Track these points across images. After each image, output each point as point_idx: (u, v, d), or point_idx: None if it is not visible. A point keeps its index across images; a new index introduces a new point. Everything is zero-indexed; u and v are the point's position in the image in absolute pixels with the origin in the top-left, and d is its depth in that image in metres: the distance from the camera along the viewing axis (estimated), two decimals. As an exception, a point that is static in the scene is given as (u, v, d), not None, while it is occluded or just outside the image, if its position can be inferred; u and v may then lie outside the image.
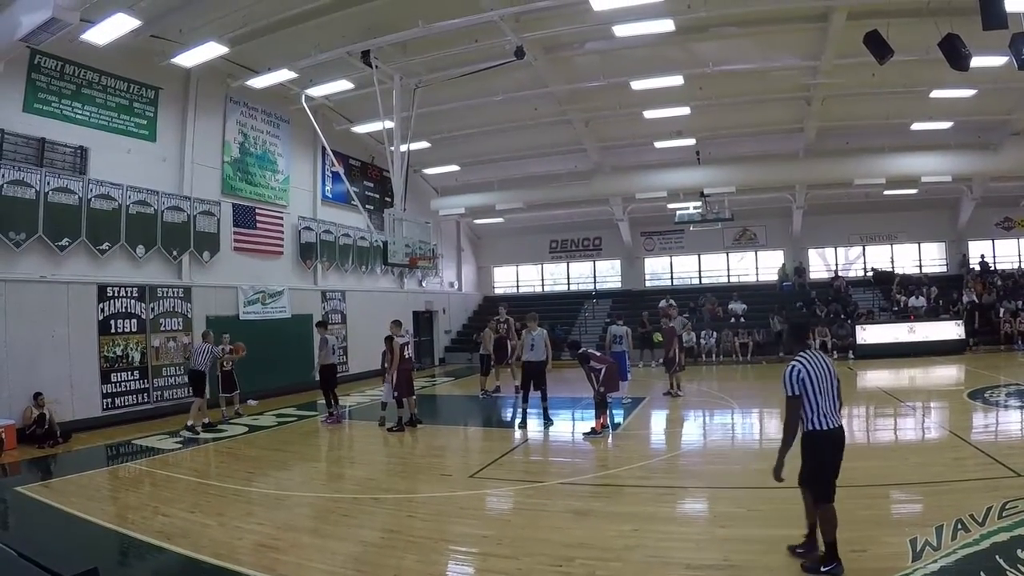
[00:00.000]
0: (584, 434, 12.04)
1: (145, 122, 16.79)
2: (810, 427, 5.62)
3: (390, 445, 12.33)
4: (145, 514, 7.99)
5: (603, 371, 12.08)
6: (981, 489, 7.44)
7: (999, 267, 28.89)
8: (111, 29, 13.46)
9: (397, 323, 14.12)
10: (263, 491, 8.64)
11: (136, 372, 15.63)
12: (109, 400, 15.03)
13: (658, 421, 14.20)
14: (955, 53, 13.38)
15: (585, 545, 6.51)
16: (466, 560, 6.64)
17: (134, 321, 15.79)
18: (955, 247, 30.47)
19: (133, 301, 15.82)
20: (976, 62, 14.11)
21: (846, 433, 5.75)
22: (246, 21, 15.29)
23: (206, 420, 14.12)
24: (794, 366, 5.64)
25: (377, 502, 8.44)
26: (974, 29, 12.12)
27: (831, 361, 5.86)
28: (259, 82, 18.29)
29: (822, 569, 5.45)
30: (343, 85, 19.13)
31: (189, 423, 13.78)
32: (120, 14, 12.99)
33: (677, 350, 16.91)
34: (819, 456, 5.63)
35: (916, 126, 23.02)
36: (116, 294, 15.46)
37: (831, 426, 5.60)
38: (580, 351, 12.74)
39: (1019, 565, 5.39)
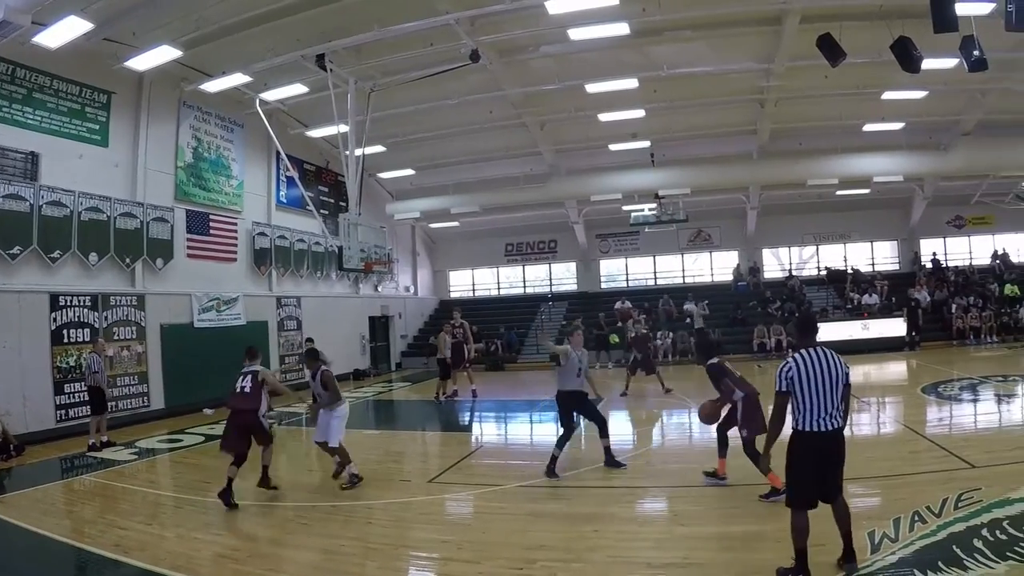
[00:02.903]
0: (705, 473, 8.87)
1: (97, 127, 16.48)
2: (798, 427, 5.44)
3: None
4: (101, 527, 7.86)
5: (744, 400, 8.32)
6: (937, 481, 7.68)
7: (951, 264, 29.84)
8: (63, 32, 13.19)
9: None
10: (221, 501, 8.59)
11: (90, 382, 15.39)
12: (63, 412, 14.67)
13: (615, 422, 14.27)
14: (907, 56, 13.76)
15: (546, 547, 6.60)
16: (427, 566, 6.71)
17: (87, 330, 15.47)
18: (907, 245, 31.33)
19: (86, 310, 15.53)
20: (927, 64, 14.56)
21: None
22: (200, 24, 15.13)
23: (104, 438, 13.27)
24: (787, 363, 5.50)
25: (336, 509, 8.41)
26: (925, 32, 12.48)
27: (840, 361, 5.56)
28: (213, 86, 18.03)
29: None
30: (298, 89, 18.97)
31: (91, 441, 13.04)
32: (72, 16, 12.73)
33: (637, 353, 17.22)
34: (800, 457, 5.45)
35: (868, 127, 23.57)
36: (68, 303, 15.16)
37: (821, 428, 5.37)
38: (714, 363, 8.84)
39: (976, 555, 5.56)
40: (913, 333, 24.66)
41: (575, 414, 9.83)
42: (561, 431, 9.74)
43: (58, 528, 7.87)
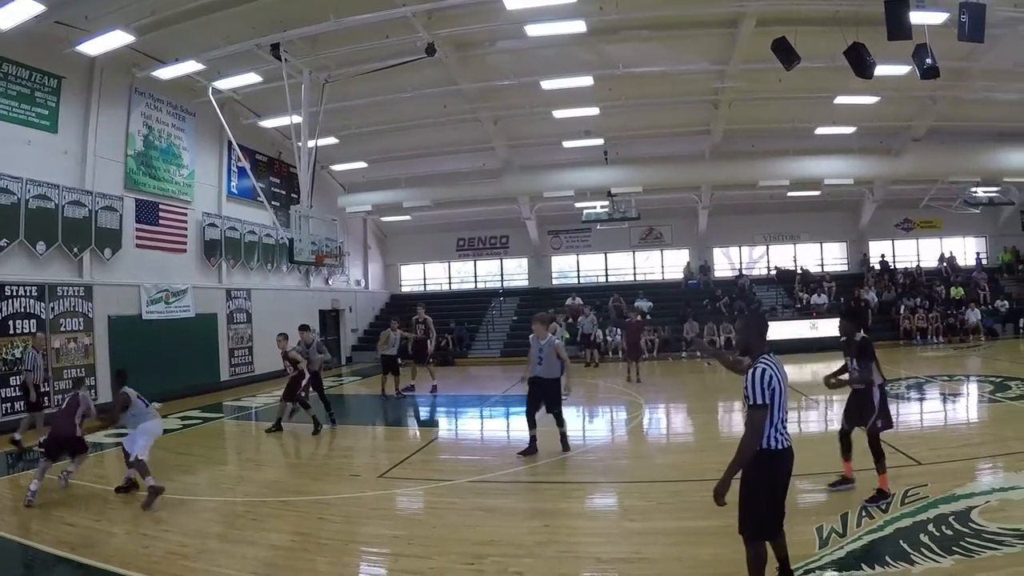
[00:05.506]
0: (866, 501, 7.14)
1: (47, 112, 16.06)
2: (768, 444, 4.59)
3: (297, 447, 12.26)
4: (48, 524, 7.70)
5: (880, 388, 7.67)
6: (884, 478, 7.89)
7: (899, 266, 30.77)
8: (14, 13, 12.90)
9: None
10: (169, 496, 8.47)
11: (36, 375, 15.04)
12: (8, 405, 14.33)
13: (565, 417, 14.41)
14: (860, 61, 14.11)
15: (497, 542, 6.65)
16: (378, 561, 6.73)
17: (33, 322, 15.14)
18: (856, 247, 32.20)
19: (32, 300, 15.19)
20: (880, 70, 14.95)
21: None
22: (154, 9, 14.88)
23: (17, 437, 12.54)
24: (764, 368, 4.57)
25: (286, 504, 8.39)
26: (879, 39, 12.83)
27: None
28: (165, 73, 17.68)
29: None
30: (251, 78, 18.68)
31: (17, 437, 12.46)
32: (24, -2, 12.48)
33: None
34: (776, 480, 4.65)
35: (820, 130, 24.17)
36: (14, 293, 14.81)
37: (787, 444, 4.67)
38: (863, 340, 8.00)
39: (922, 549, 5.76)
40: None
41: (538, 400, 10.55)
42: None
43: (3, 525, 7.71)
